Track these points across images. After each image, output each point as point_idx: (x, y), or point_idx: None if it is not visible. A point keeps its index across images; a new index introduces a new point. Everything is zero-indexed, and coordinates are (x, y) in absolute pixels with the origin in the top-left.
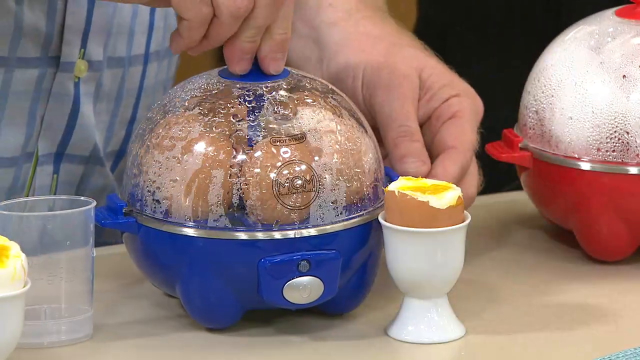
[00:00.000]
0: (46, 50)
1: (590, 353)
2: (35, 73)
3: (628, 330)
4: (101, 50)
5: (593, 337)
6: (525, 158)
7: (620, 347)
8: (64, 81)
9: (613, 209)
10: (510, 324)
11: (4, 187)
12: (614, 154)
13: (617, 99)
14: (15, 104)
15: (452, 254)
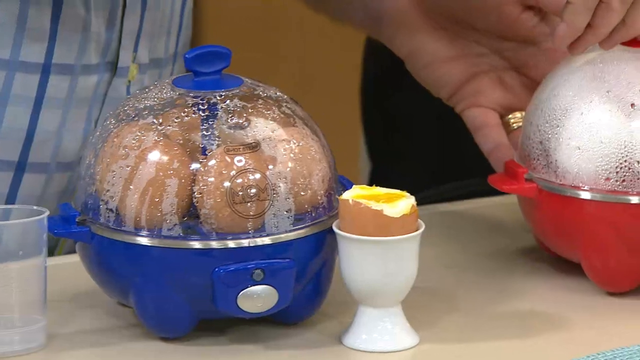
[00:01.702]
0: (104, 56)
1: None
2: (95, 79)
3: (581, 339)
4: (147, 53)
5: (547, 346)
6: (530, 189)
7: (573, 356)
8: (118, 85)
9: (622, 240)
10: (465, 333)
11: (59, 192)
12: (624, 183)
13: (625, 128)
14: (76, 111)
15: (406, 262)
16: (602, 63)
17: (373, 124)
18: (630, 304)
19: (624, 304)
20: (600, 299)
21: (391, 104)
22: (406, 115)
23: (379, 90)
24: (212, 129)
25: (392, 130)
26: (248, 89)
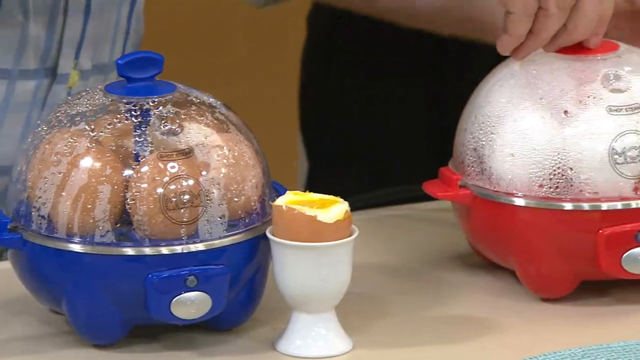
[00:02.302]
0: (44, 62)
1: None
2: (33, 84)
3: (514, 344)
4: (90, 59)
5: (480, 351)
6: (465, 196)
7: (506, 359)
8: (58, 91)
9: (555, 247)
10: (398, 338)
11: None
12: (557, 190)
13: (558, 135)
14: (14, 115)
15: (340, 267)
16: (535, 70)
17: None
18: (562, 310)
19: (557, 310)
20: (534, 305)
21: (330, 107)
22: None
23: (318, 94)
24: (144, 135)
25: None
26: (181, 94)
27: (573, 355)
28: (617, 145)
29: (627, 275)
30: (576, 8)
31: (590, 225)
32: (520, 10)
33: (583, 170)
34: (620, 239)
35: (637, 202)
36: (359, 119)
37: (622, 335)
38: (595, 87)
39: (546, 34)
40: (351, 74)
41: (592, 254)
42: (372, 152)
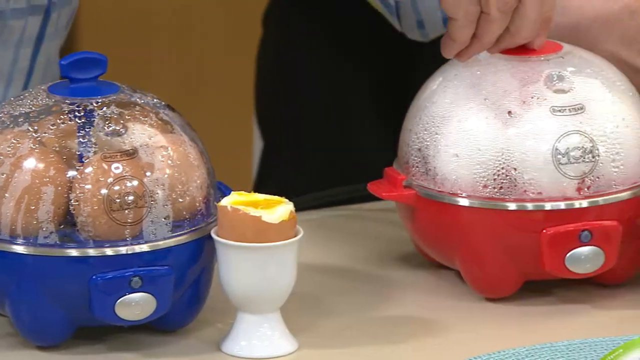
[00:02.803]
0: None
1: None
2: None
3: (458, 344)
4: None
5: (424, 351)
6: (409, 196)
7: (450, 359)
8: None
9: (500, 247)
10: (343, 338)
11: None
12: (502, 190)
13: (502, 135)
14: None
15: (285, 268)
16: (479, 71)
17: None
18: (506, 310)
19: (501, 310)
20: (478, 305)
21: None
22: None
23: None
24: (88, 136)
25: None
26: (125, 95)
27: (517, 355)
28: (560, 146)
29: (571, 275)
30: (518, 11)
31: (534, 225)
32: (462, 16)
33: (527, 170)
34: (563, 238)
35: (580, 202)
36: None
37: (566, 335)
38: (538, 88)
39: (489, 38)
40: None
41: (536, 254)
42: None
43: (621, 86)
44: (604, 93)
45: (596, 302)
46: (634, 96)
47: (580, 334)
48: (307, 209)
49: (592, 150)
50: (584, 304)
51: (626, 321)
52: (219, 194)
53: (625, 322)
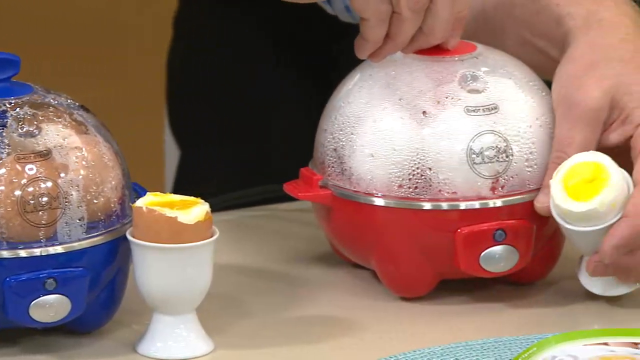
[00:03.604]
0: None
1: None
2: None
3: (372, 342)
4: None
5: (340, 351)
6: (325, 196)
7: (367, 358)
8: None
9: (415, 246)
10: (259, 338)
11: None
12: (417, 190)
13: (417, 135)
14: None
15: (201, 269)
16: (394, 71)
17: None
18: (422, 309)
19: (417, 309)
20: (393, 304)
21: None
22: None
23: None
24: (1, 137)
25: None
26: (38, 96)
27: (432, 354)
28: (474, 146)
29: (485, 274)
30: (430, 10)
31: (448, 224)
32: (374, 16)
33: (442, 170)
34: (478, 237)
35: (495, 202)
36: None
37: (481, 333)
38: (452, 88)
39: (402, 38)
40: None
41: (450, 253)
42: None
43: (534, 86)
44: (517, 93)
45: (510, 301)
46: (547, 96)
47: (494, 332)
48: (223, 209)
49: (505, 150)
50: (499, 303)
51: (540, 320)
52: (134, 195)
53: (539, 320)
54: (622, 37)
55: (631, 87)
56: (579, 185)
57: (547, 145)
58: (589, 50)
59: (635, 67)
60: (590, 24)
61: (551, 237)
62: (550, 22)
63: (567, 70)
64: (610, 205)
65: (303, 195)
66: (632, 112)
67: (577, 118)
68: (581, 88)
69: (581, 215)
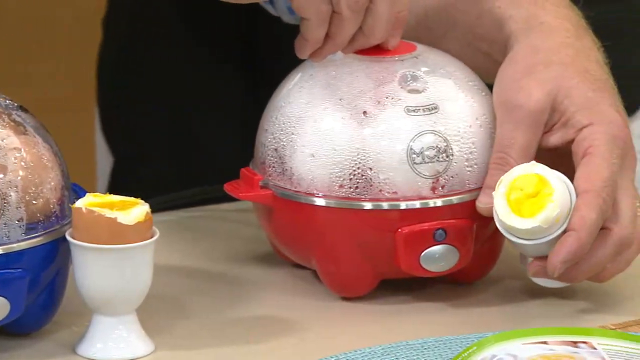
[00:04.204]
0: None
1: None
2: None
3: (313, 342)
4: None
5: (281, 351)
6: (266, 196)
7: (308, 358)
8: None
9: (356, 246)
10: (200, 339)
11: None
12: (357, 190)
13: (358, 135)
14: None
15: (141, 269)
16: (334, 71)
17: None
18: (363, 308)
19: (357, 308)
20: (334, 304)
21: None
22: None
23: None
24: None
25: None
26: None
27: (373, 354)
28: (415, 146)
29: (426, 273)
30: (370, 10)
31: (389, 224)
32: (314, 15)
33: (382, 170)
34: (418, 237)
35: (435, 201)
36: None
37: (421, 333)
38: (393, 88)
39: (342, 38)
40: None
41: (391, 253)
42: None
43: (474, 86)
44: (457, 93)
45: (451, 301)
46: (486, 96)
47: (435, 332)
48: (164, 210)
49: (446, 150)
50: (439, 302)
51: (480, 319)
52: (73, 196)
53: (479, 320)
54: (562, 40)
55: (572, 90)
56: (522, 200)
57: (487, 145)
58: (530, 53)
59: (576, 70)
60: (532, 27)
61: (491, 237)
62: (492, 25)
63: (507, 73)
64: (555, 220)
65: (244, 195)
66: (573, 116)
67: (518, 120)
68: (522, 90)
69: (526, 232)
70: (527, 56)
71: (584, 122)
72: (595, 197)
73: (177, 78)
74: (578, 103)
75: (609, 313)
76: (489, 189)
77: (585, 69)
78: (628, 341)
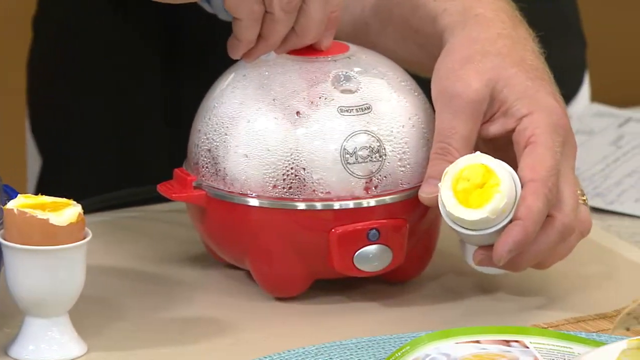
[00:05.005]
0: None
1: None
2: None
3: (247, 343)
4: None
5: (214, 352)
6: (199, 197)
7: (242, 359)
8: None
9: (290, 246)
10: (133, 340)
11: None
12: (291, 190)
13: (291, 136)
14: None
15: (74, 271)
16: (267, 71)
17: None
18: (296, 308)
19: (291, 309)
20: (268, 304)
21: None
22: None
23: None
24: None
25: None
26: None
27: (306, 354)
28: (348, 146)
29: (359, 273)
30: (302, 11)
31: (323, 224)
32: (246, 16)
33: (316, 170)
34: (352, 237)
35: (369, 201)
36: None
37: (355, 332)
38: (326, 88)
39: (275, 38)
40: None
41: (325, 253)
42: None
43: (407, 86)
44: (390, 93)
45: (385, 300)
46: (419, 96)
47: (369, 331)
48: (96, 211)
49: (379, 150)
50: (373, 302)
51: (414, 318)
52: (5, 197)
53: (413, 319)
54: (499, 31)
55: (510, 80)
56: (469, 191)
57: (420, 145)
58: (466, 44)
59: (513, 60)
60: (467, 19)
61: (424, 237)
62: (427, 19)
63: (445, 64)
64: (502, 211)
65: (177, 196)
66: (513, 105)
67: (458, 109)
68: (461, 80)
69: (473, 223)
70: (464, 47)
71: (523, 111)
72: (541, 187)
73: (106, 78)
74: (517, 92)
75: (542, 312)
76: (431, 179)
77: (522, 58)
78: (560, 340)
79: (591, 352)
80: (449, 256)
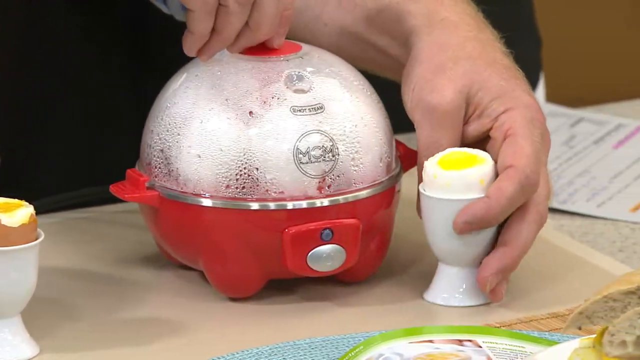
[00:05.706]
0: None
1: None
2: None
3: (201, 343)
4: None
5: (168, 352)
6: (152, 198)
7: (196, 359)
8: None
9: (243, 246)
10: (86, 341)
11: None
12: (244, 190)
13: (244, 135)
14: None
15: (25, 272)
16: (220, 71)
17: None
18: (250, 309)
19: (245, 309)
20: (222, 305)
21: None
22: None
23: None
24: None
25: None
26: None
27: (260, 354)
28: (301, 145)
29: (313, 273)
30: (256, 5)
31: (276, 224)
32: (199, 7)
33: (269, 170)
34: (305, 237)
35: (322, 201)
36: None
37: (309, 332)
38: (279, 88)
39: (229, 32)
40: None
41: (278, 253)
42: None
43: (359, 86)
44: (342, 93)
45: (338, 300)
46: (372, 95)
47: (322, 331)
48: (49, 211)
49: (332, 150)
50: (326, 302)
51: (367, 318)
52: None
53: (366, 319)
54: (466, 34)
55: (485, 82)
56: (453, 161)
57: (372, 144)
58: (436, 51)
59: (485, 62)
60: (433, 23)
61: (378, 236)
62: (391, 20)
63: (417, 73)
64: (479, 181)
65: (129, 196)
66: (489, 105)
67: (437, 122)
68: (434, 91)
69: (448, 179)
70: (434, 55)
71: (500, 109)
72: (517, 172)
73: (65, 77)
74: (492, 93)
75: (495, 311)
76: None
77: (493, 59)
78: (513, 339)
79: (544, 351)
80: (403, 256)
